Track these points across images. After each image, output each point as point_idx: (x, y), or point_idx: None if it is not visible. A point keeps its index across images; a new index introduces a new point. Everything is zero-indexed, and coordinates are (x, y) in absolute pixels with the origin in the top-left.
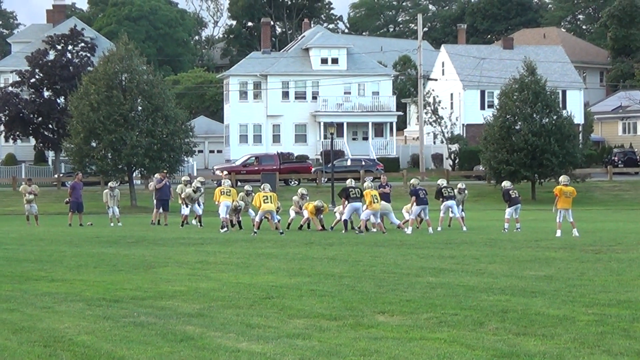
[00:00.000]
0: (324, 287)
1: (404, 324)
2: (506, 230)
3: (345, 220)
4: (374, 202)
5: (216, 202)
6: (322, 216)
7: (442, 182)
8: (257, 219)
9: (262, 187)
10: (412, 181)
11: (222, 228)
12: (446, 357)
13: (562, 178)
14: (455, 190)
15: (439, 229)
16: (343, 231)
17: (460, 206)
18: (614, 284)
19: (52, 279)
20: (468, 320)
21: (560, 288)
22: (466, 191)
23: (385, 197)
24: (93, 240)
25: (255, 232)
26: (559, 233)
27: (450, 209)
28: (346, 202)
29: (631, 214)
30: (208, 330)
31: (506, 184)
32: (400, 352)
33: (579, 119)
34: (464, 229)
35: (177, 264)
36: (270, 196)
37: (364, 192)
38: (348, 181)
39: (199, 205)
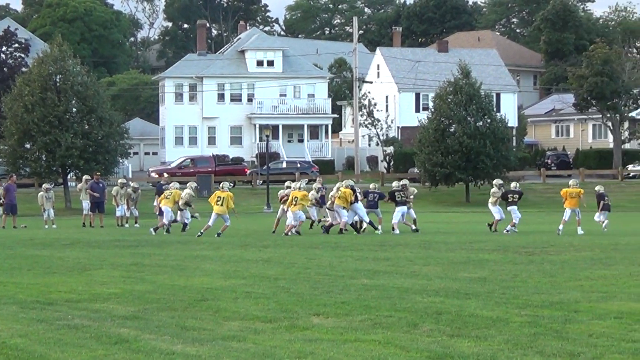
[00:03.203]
0: (259, 290)
1: (338, 325)
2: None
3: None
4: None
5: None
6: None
7: (396, 184)
8: (209, 222)
9: (220, 185)
10: (370, 186)
11: (155, 229)
12: (380, 358)
13: (571, 182)
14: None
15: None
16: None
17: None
18: (546, 285)
19: None
20: (402, 321)
21: (493, 290)
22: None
23: (320, 199)
24: (27, 242)
25: (201, 233)
26: (560, 227)
27: (402, 215)
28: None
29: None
30: (143, 333)
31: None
32: (334, 354)
33: (512, 121)
34: (413, 227)
35: (111, 266)
36: (224, 197)
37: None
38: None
39: (132, 206)
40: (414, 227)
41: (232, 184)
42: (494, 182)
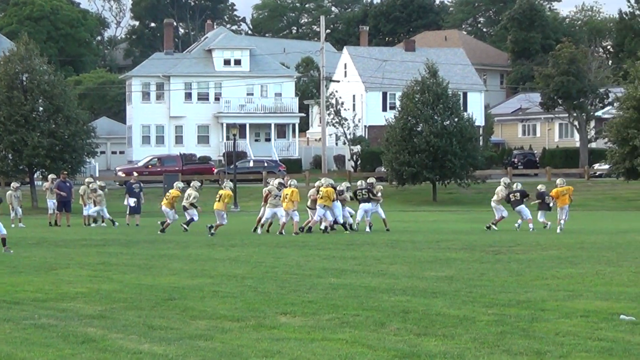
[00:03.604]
0: (226, 289)
1: (306, 324)
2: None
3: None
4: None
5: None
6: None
7: (361, 183)
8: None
9: (223, 184)
10: (343, 184)
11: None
12: (348, 357)
13: (559, 181)
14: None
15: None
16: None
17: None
18: (513, 284)
19: None
20: (369, 320)
21: (460, 288)
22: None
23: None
24: None
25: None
26: (558, 230)
27: (366, 213)
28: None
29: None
30: (110, 332)
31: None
32: (302, 353)
33: (479, 121)
34: (367, 229)
35: (78, 266)
36: (222, 194)
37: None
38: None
39: (99, 205)
40: (386, 228)
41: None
42: (502, 180)
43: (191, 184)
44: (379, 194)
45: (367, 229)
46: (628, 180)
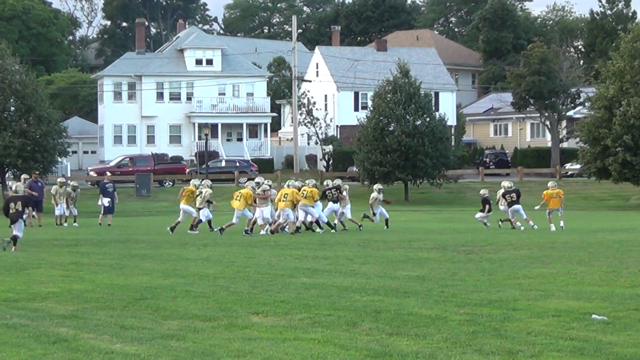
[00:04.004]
0: (198, 288)
1: (277, 324)
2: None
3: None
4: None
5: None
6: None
7: (327, 182)
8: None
9: (245, 183)
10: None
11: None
12: (320, 357)
13: (550, 184)
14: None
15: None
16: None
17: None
18: (485, 284)
19: None
20: (341, 320)
21: (432, 288)
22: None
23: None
24: None
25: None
26: (552, 228)
27: (334, 213)
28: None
29: (502, 214)
30: (81, 332)
31: (505, 184)
32: (274, 353)
33: (451, 120)
34: (347, 228)
35: (50, 265)
36: (241, 194)
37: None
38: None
39: (72, 205)
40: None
41: (170, 183)
42: (502, 184)
43: (203, 183)
44: (344, 193)
45: (334, 229)
46: (599, 180)
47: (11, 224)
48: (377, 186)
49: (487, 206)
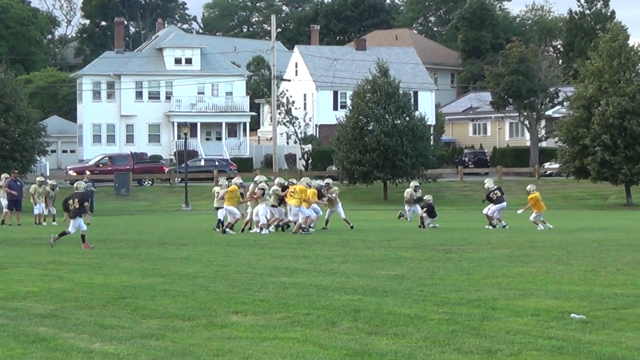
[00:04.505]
0: (178, 287)
1: (257, 323)
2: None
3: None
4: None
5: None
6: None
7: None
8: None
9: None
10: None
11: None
12: (299, 356)
13: (530, 187)
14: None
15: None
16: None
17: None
18: (464, 283)
19: None
20: (321, 319)
21: (411, 287)
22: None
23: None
24: None
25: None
26: (549, 225)
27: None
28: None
29: (481, 214)
30: (61, 331)
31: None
32: (253, 352)
33: (430, 120)
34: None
35: (29, 265)
36: (297, 189)
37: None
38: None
39: (50, 204)
40: (350, 225)
41: (149, 182)
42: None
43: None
44: (334, 195)
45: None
46: (578, 179)
47: (70, 218)
48: (413, 183)
49: (429, 211)
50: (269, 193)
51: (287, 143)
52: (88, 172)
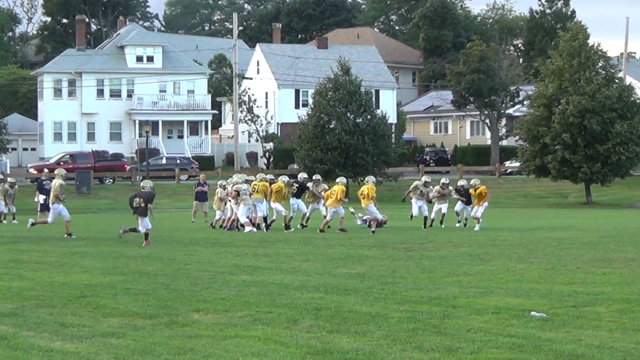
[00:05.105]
0: (139, 286)
1: (218, 322)
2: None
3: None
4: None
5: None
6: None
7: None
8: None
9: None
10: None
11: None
12: (260, 354)
13: (476, 181)
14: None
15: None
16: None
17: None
18: (425, 281)
19: None
20: (282, 317)
21: (372, 285)
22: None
23: (202, 195)
24: None
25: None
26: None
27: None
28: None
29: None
30: (21, 330)
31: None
32: (214, 350)
33: (392, 118)
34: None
35: None
36: (336, 190)
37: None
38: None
39: (10, 202)
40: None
41: (110, 180)
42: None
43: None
44: (322, 192)
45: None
46: (538, 177)
47: (137, 217)
48: (424, 177)
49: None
50: (245, 193)
51: (249, 141)
52: (46, 170)
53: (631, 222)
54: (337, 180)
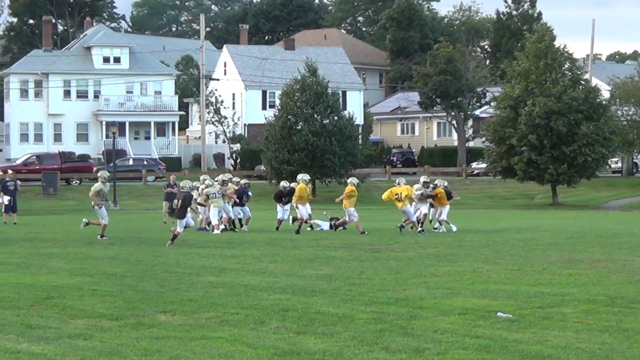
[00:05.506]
0: (106, 287)
1: (185, 323)
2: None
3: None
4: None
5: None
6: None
7: (285, 184)
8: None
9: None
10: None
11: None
12: (227, 356)
13: (440, 182)
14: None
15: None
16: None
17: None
18: (392, 282)
19: None
20: (249, 319)
21: (339, 287)
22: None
23: (172, 196)
24: None
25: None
26: (454, 228)
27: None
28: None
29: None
30: None
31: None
32: (181, 352)
33: (359, 119)
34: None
35: None
36: (349, 191)
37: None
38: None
39: None
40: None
41: (77, 181)
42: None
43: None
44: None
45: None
46: (505, 179)
47: (176, 218)
48: (422, 178)
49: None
50: (215, 194)
51: (216, 142)
52: (10, 171)
53: (597, 223)
54: (349, 180)
